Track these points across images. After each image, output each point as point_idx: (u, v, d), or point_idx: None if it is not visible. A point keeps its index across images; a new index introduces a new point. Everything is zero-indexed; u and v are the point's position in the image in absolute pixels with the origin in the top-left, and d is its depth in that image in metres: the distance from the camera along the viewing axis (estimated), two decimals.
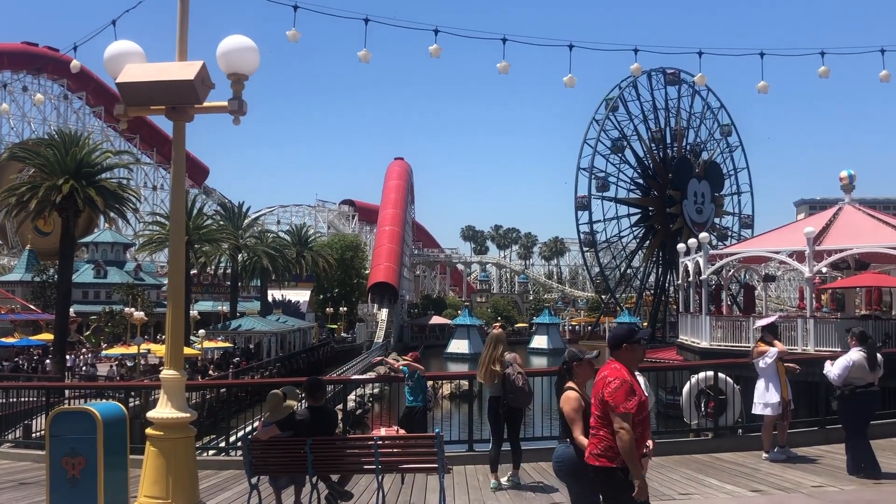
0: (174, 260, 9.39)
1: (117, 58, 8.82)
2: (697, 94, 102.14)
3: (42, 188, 40.73)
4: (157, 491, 8.66)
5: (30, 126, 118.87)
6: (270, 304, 78.04)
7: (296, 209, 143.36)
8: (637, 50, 15.63)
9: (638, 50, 15.63)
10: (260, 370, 53.07)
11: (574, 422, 6.58)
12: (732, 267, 39.26)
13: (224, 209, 79.48)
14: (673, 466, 11.55)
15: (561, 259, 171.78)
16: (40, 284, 70.39)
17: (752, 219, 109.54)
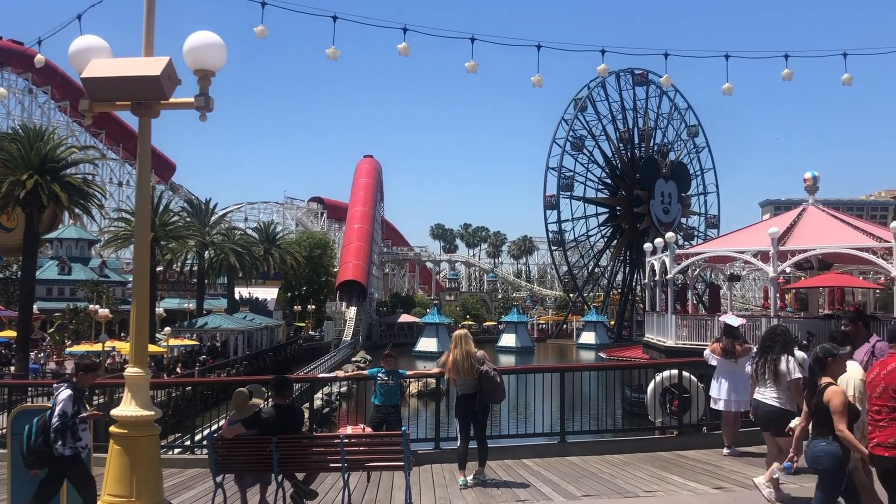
0: (139, 257, 9.31)
1: (82, 53, 8.74)
2: (665, 95, 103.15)
3: (5, 183, 40.18)
4: (120, 489, 8.59)
5: None
6: (237, 302, 77.52)
7: (264, 206, 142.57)
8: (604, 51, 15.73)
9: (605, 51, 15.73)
10: (226, 368, 52.71)
11: (843, 416, 6.66)
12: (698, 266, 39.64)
13: (191, 206, 78.82)
14: (637, 464, 11.66)
15: (530, 258, 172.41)
16: (3, 281, 69.43)
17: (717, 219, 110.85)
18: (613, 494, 9.86)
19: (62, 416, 8.10)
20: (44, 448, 7.98)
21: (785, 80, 16.28)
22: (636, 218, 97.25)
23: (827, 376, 6.97)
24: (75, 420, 8.23)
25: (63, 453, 8.04)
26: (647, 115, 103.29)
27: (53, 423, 8.00)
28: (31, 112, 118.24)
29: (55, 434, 8.01)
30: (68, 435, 8.08)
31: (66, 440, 8.03)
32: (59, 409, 8.08)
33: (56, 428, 8.00)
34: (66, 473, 8.23)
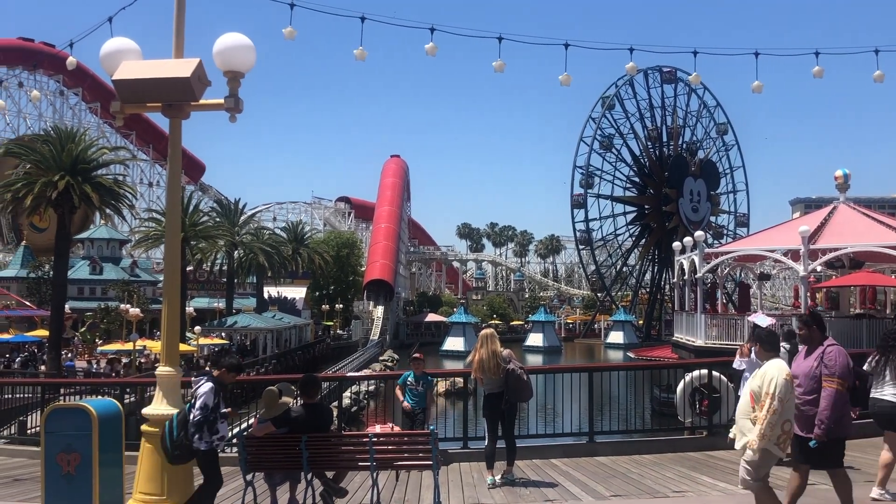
0: (170, 257, 9.40)
1: (114, 55, 8.83)
2: (694, 92, 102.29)
3: (38, 184, 40.67)
4: (152, 488, 8.68)
5: (25, 122, 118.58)
6: (266, 301, 77.95)
7: (292, 206, 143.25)
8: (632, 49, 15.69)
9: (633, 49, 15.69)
10: (256, 367, 53.02)
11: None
12: (728, 265, 39.34)
13: (220, 206, 79.42)
14: (667, 464, 11.60)
15: (557, 257, 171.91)
16: (36, 281, 70.27)
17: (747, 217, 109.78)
18: (643, 495, 9.81)
19: (203, 409, 8.09)
20: (186, 442, 8.04)
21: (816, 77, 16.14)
22: (665, 217, 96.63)
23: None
24: (216, 414, 8.32)
25: (199, 447, 8.07)
26: (675, 113, 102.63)
27: (195, 417, 8.01)
28: (62, 114, 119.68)
29: (194, 427, 8.05)
30: (205, 429, 8.15)
31: (202, 434, 8.07)
32: (200, 402, 8.07)
33: (197, 422, 8.02)
34: (201, 465, 8.28)
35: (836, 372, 7.70)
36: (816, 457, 7.86)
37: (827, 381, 7.70)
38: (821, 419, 7.62)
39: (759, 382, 7.28)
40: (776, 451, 7.25)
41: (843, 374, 7.75)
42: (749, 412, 7.34)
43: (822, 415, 7.61)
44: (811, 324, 8.14)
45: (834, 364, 7.75)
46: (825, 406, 7.63)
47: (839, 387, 7.67)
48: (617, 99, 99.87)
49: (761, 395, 7.21)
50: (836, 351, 7.88)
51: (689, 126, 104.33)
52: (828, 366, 7.76)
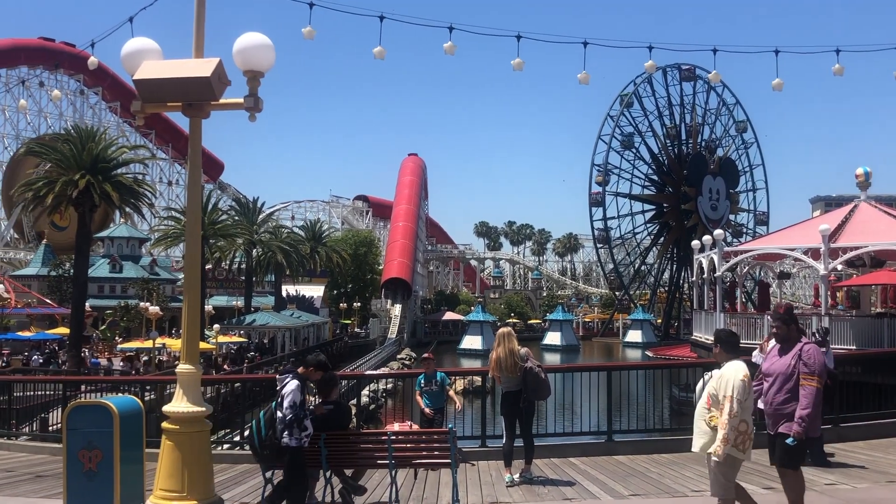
0: (190, 255, 9.46)
1: (134, 55, 8.89)
2: (713, 90, 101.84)
3: (58, 183, 40.97)
4: (172, 484, 8.74)
5: (46, 121, 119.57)
6: (284, 300, 78.24)
7: (310, 205, 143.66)
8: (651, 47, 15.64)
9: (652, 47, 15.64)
10: (274, 365, 53.21)
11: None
12: (747, 264, 39.15)
13: (239, 204, 79.72)
14: (686, 463, 11.56)
15: (575, 255, 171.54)
16: (56, 279, 70.81)
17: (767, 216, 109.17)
18: (662, 494, 9.79)
19: (293, 407, 8.18)
20: (275, 440, 8.08)
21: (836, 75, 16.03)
22: (683, 215, 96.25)
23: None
24: (304, 411, 8.35)
25: (289, 444, 8.14)
26: (694, 111, 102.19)
27: (286, 415, 8.09)
28: (82, 113, 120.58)
29: (284, 425, 8.09)
30: (295, 426, 8.18)
31: (293, 431, 8.15)
32: (288, 400, 8.14)
33: (289, 420, 8.10)
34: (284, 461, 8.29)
35: (816, 370, 7.60)
36: (780, 453, 7.76)
37: (807, 380, 7.58)
38: (801, 417, 7.50)
39: (717, 384, 7.20)
40: (738, 455, 7.16)
41: (822, 373, 7.68)
42: (705, 414, 7.27)
43: (804, 413, 7.50)
44: (790, 322, 8.04)
45: (813, 362, 7.64)
46: (806, 404, 7.51)
47: (818, 385, 7.58)
48: (636, 97, 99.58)
49: (719, 397, 7.13)
50: (814, 349, 7.79)
51: (709, 124, 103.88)
52: (807, 364, 7.64)
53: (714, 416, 7.12)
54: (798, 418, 7.53)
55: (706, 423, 7.20)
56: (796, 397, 7.61)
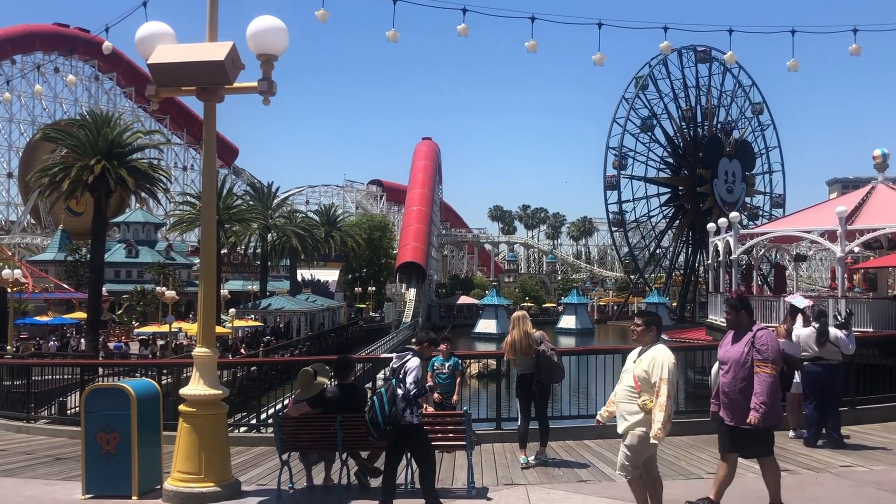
0: (205, 240, 9.50)
1: (148, 39, 8.90)
2: (729, 72, 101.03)
3: (74, 168, 41.12)
4: (190, 467, 8.81)
5: (62, 107, 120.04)
6: (300, 284, 78.49)
7: (324, 189, 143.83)
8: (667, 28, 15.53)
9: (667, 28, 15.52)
10: (290, 349, 53.46)
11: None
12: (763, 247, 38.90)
13: (253, 189, 79.87)
14: (701, 446, 11.56)
15: (589, 239, 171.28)
16: (73, 264, 71.23)
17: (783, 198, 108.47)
18: (676, 476, 9.79)
19: (417, 383, 8.23)
20: (396, 416, 8.15)
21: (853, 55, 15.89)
22: (699, 198, 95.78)
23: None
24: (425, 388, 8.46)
25: (411, 421, 8.17)
26: (710, 93, 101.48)
27: (410, 391, 8.13)
28: (97, 98, 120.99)
29: (406, 402, 8.14)
30: (416, 402, 8.27)
31: (414, 409, 8.21)
32: (412, 376, 8.18)
33: (413, 396, 8.16)
34: (412, 441, 8.34)
35: (770, 357, 7.42)
36: (747, 445, 7.64)
37: (760, 367, 7.42)
38: (756, 405, 7.35)
39: (647, 367, 7.10)
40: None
41: (776, 359, 7.49)
42: (633, 397, 7.15)
43: (759, 400, 7.34)
44: (739, 308, 7.86)
45: (767, 349, 7.44)
46: (761, 391, 7.35)
47: (773, 371, 7.41)
48: (651, 79, 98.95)
49: (649, 380, 7.05)
50: (766, 335, 7.58)
51: (724, 106, 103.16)
52: (760, 350, 7.45)
53: (647, 400, 7.00)
54: (754, 406, 7.37)
55: (639, 406, 7.06)
56: (751, 384, 7.45)
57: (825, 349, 11.42)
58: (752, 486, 9.05)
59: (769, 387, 7.36)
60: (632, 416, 7.14)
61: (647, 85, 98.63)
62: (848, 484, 9.19)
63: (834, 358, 11.48)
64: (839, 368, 11.58)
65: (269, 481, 9.88)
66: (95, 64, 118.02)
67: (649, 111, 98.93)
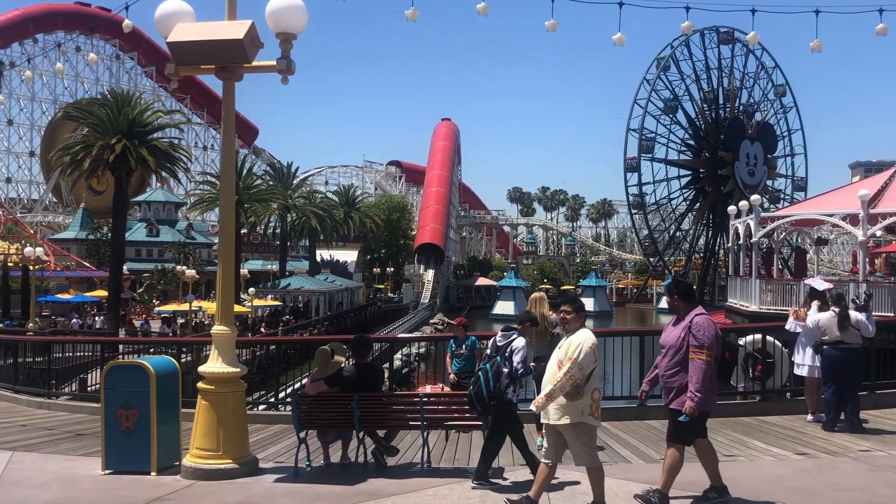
0: (225, 219, 9.53)
1: (168, 17, 8.90)
2: (751, 53, 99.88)
3: (95, 147, 41.30)
4: (208, 443, 8.89)
5: (83, 86, 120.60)
6: (319, 264, 78.74)
7: (343, 170, 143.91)
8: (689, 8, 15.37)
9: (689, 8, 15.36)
10: (309, 328, 53.70)
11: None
12: (784, 230, 38.66)
13: (273, 169, 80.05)
14: (718, 429, 11.51)
15: (609, 221, 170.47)
16: (94, 242, 71.75)
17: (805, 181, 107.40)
18: (692, 458, 9.71)
19: (523, 362, 8.38)
20: (499, 392, 8.28)
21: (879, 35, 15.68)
22: (720, 180, 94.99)
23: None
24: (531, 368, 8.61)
25: (511, 399, 8.38)
26: (732, 75, 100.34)
27: (517, 370, 8.31)
28: (118, 78, 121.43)
29: (513, 380, 8.33)
30: (519, 382, 8.44)
31: (516, 387, 8.40)
32: (519, 356, 8.35)
33: (520, 374, 8.35)
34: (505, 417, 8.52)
35: (705, 343, 7.27)
36: (684, 433, 7.53)
37: (695, 353, 7.29)
38: (692, 393, 7.24)
39: (565, 352, 7.11)
40: (591, 422, 7.06)
41: (712, 345, 7.31)
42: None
43: (693, 388, 7.23)
44: (674, 293, 7.78)
45: (702, 335, 7.30)
46: (695, 379, 7.23)
47: (708, 358, 7.26)
48: (672, 60, 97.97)
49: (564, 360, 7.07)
50: (703, 321, 7.42)
51: (746, 88, 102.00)
52: (696, 336, 7.32)
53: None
54: (689, 394, 7.27)
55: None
56: (685, 370, 7.35)
57: (846, 333, 11.31)
58: (768, 470, 9.04)
59: (703, 373, 7.24)
60: (555, 406, 7.12)
61: (668, 66, 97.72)
62: (866, 468, 9.15)
63: (854, 342, 11.38)
64: (859, 352, 11.49)
65: (287, 459, 9.95)
66: (116, 43, 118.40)
67: (671, 93, 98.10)
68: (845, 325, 11.31)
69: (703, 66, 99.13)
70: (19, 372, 18.49)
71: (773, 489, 8.13)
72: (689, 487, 7.81)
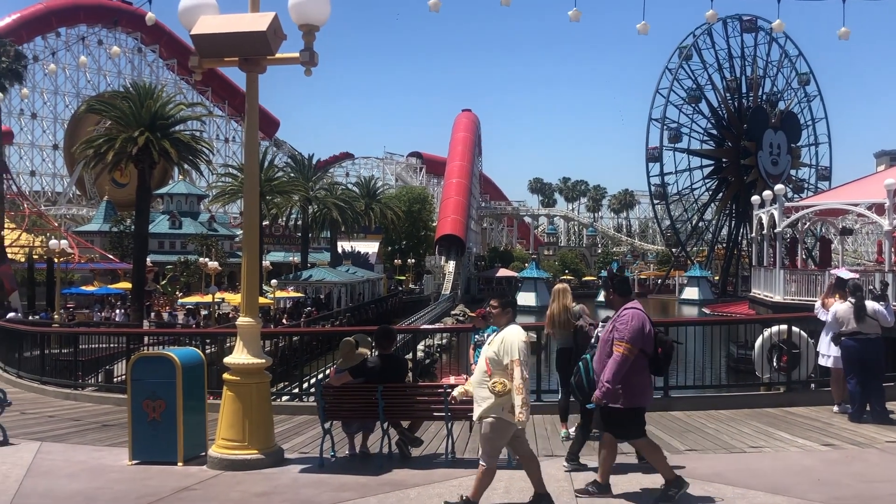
0: (248, 211, 9.57)
1: (192, 10, 8.93)
2: (775, 41, 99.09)
3: (118, 140, 41.52)
4: (234, 434, 8.95)
5: (105, 79, 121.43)
6: (340, 256, 78.91)
7: (364, 161, 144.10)
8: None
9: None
10: (331, 320, 53.86)
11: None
12: (808, 220, 38.31)
13: (294, 161, 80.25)
14: (743, 420, 11.47)
15: (630, 212, 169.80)
16: (118, 234, 72.25)
17: (829, 171, 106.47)
18: (718, 449, 9.74)
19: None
20: None
21: None
22: (743, 170, 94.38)
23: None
24: None
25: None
26: (755, 63, 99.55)
27: None
28: (140, 70, 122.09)
29: None
30: None
31: None
32: None
33: None
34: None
35: (626, 336, 7.28)
36: (614, 427, 7.53)
37: (616, 346, 7.31)
38: (602, 381, 7.29)
39: (497, 349, 7.00)
40: (510, 419, 6.98)
41: (633, 340, 7.29)
42: (485, 380, 7.02)
43: (604, 377, 7.27)
44: (608, 287, 7.79)
45: (625, 328, 7.32)
46: (608, 369, 7.27)
47: (626, 352, 7.24)
48: (694, 49, 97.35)
49: (500, 362, 6.94)
50: (629, 315, 7.42)
51: (770, 76, 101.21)
52: (619, 329, 7.37)
53: (498, 383, 6.86)
54: (599, 383, 7.31)
55: (489, 390, 6.93)
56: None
57: (864, 323, 11.24)
58: (795, 461, 8.99)
59: (619, 365, 7.24)
60: (484, 402, 7.05)
61: (690, 55, 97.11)
62: (894, 459, 9.07)
63: (872, 332, 11.30)
64: (877, 342, 11.40)
65: (312, 449, 9.99)
66: (138, 36, 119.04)
67: (693, 82, 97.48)
68: (862, 316, 11.25)
69: (726, 54, 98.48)
70: (46, 363, 18.67)
71: (800, 480, 8.08)
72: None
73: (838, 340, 11.47)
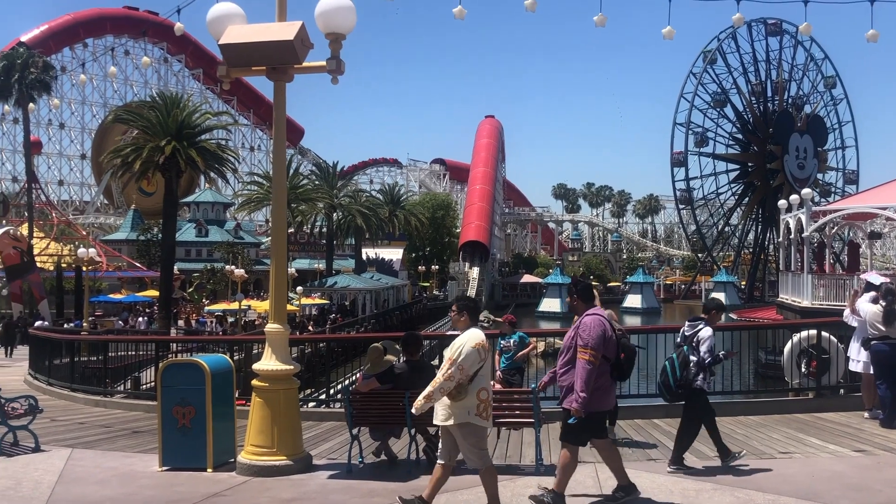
0: (276, 218, 9.64)
1: (220, 19, 9.02)
2: (800, 44, 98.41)
3: (146, 149, 41.83)
4: (263, 440, 9.00)
5: (132, 89, 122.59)
6: (364, 262, 79.14)
7: (388, 168, 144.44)
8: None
9: None
10: (356, 326, 53.99)
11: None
12: (836, 224, 38.02)
13: (319, 169, 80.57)
14: (773, 426, 11.39)
15: (656, 217, 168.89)
16: (145, 243, 72.85)
17: (857, 174, 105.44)
18: (748, 455, 9.67)
19: (711, 351, 8.69)
20: (687, 381, 8.61)
21: None
22: (769, 174, 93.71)
23: None
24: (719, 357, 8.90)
25: (701, 387, 8.72)
26: (780, 67, 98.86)
27: (704, 358, 8.63)
28: (166, 80, 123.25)
29: (701, 368, 8.64)
30: (707, 369, 8.73)
31: (705, 375, 8.72)
32: (706, 345, 8.66)
33: (707, 363, 8.66)
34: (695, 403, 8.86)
35: (589, 343, 7.22)
36: (569, 431, 7.49)
37: (580, 352, 7.25)
38: (576, 392, 7.20)
39: (449, 352, 7.01)
40: (479, 422, 6.93)
41: (596, 346, 7.23)
42: None
43: (577, 387, 7.19)
44: (572, 292, 7.74)
45: (587, 335, 7.26)
46: (577, 378, 7.20)
47: (591, 358, 7.19)
48: (719, 53, 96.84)
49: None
50: (591, 321, 7.36)
51: (795, 80, 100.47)
52: (581, 336, 7.30)
53: None
54: (574, 395, 7.24)
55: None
56: (574, 368, 7.34)
57: (892, 328, 11.13)
58: (826, 467, 8.91)
59: (588, 373, 7.19)
60: (441, 406, 7.06)
61: (715, 59, 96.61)
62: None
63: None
64: None
65: (340, 455, 10.03)
66: (164, 46, 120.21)
67: (718, 86, 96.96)
68: (891, 320, 11.13)
69: (751, 58, 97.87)
70: (75, 371, 18.87)
71: (831, 486, 8.02)
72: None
73: (868, 344, 11.35)
